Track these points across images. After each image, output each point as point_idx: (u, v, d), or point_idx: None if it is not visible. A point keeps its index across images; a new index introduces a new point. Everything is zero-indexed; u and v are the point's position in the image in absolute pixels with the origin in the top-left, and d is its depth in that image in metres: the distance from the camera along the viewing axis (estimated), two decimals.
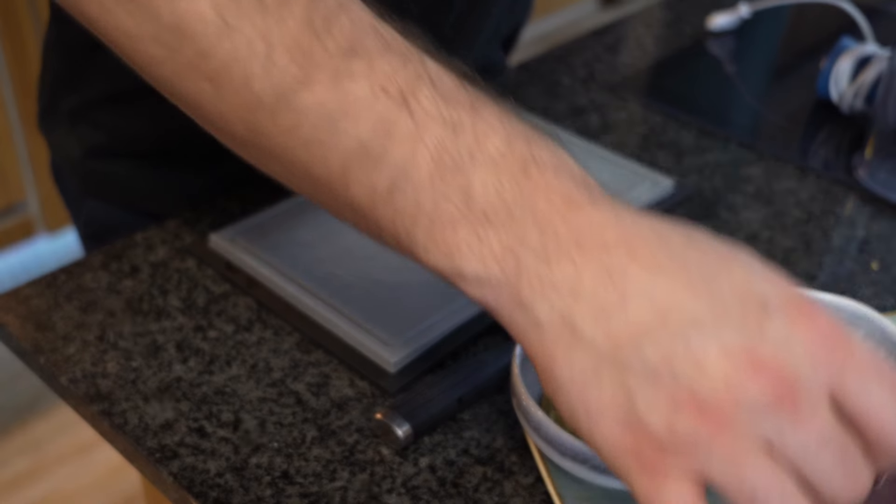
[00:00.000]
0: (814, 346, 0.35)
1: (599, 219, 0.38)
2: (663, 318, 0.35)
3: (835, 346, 0.35)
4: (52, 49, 0.84)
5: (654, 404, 0.35)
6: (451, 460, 0.56)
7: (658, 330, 0.35)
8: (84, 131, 0.84)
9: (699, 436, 0.34)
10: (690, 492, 0.35)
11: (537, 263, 0.37)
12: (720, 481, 0.34)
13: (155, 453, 0.55)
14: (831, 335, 0.35)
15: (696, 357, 0.34)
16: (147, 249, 0.71)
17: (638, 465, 0.36)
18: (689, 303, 0.35)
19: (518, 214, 0.37)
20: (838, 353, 0.35)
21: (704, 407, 0.34)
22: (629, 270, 0.36)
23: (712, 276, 0.36)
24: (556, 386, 0.38)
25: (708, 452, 0.34)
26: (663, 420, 0.35)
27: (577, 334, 0.36)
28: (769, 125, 0.97)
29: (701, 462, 0.34)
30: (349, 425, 0.58)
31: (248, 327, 0.64)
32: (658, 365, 0.35)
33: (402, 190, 0.39)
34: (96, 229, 0.89)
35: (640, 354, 0.35)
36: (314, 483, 0.54)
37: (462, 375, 0.59)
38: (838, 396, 0.34)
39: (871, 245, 0.77)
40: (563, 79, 1.00)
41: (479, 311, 0.65)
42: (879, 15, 1.15)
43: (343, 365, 0.62)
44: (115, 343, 0.63)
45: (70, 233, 2.06)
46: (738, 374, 0.34)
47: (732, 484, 0.34)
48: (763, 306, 0.35)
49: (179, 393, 0.59)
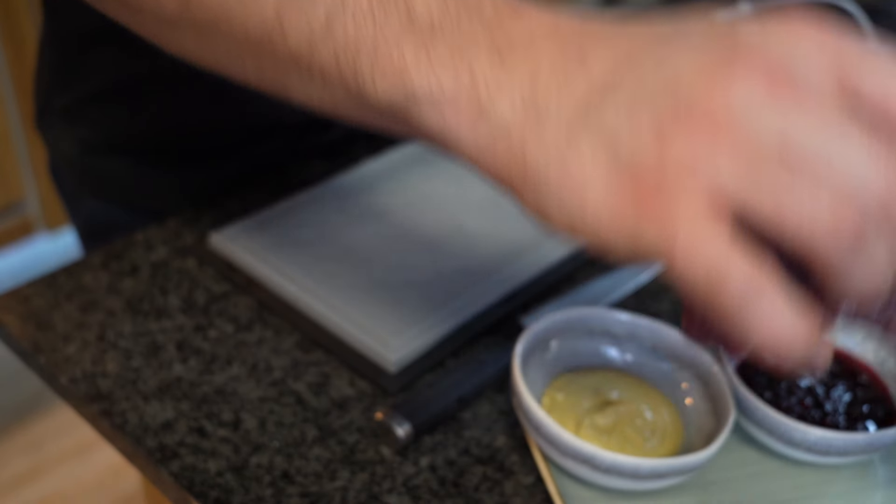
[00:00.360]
0: (800, 39, 0.31)
1: (550, 18, 0.35)
2: (629, 61, 0.33)
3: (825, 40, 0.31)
4: (46, 46, 0.84)
5: (639, 142, 0.31)
6: (451, 460, 0.56)
7: (625, 73, 0.32)
8: (80, 129, 0.84)
9: (697, 152, 0.30)
10: (703, 211, 0.30)
11: (491, 65, 0.35)
12: (736, 190, 0.30)
13: (155, 453, 0.55)
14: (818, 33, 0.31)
15: (670, 81, 0.31)
16: (147, 249, 0.71)
17: (643, 219, 0.31)
18: (653, 44, 0.33)
19: (465, 24, 0.35)
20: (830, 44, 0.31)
21: (692, 122, 0.30)
22: (585, 43, 0.34)
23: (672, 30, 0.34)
24: (536, 181, 0.34)
25: (714, 166, 0.30)
26: (653, 153, 0.31)
27: (544, 113, 0.34)
28: None
29: (710, 177, 0.30)
30: (349, 425, 0.58)
31: (248, 327, 0.64)
32: (631, 103, 0.32)
33: (340, 21, 0.36)
34: (95, 228, 0.89)
35: (612, 101, 0.32)
36: (314, 483, 0.54)
37: (462, 375, 0.59)
38: (847, 84, 0.30)
39: None
40: None
41: (479, 311, 0.65)
42: (880, 15, 1.15)
43: (343, 364, 0.62)
44: (115, 343, 0.63)
45: (70, 232, 2.06)
46: (720, 78, 0.30)
47: (750, 191, 0.30)
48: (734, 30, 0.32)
49: (180, 393, 0.59)
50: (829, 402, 0.55)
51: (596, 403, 0.55)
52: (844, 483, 0.55)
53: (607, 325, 0.59)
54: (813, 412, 0.55)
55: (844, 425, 0.55)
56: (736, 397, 0.55)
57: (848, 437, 0.52)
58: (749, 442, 0.57)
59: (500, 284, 0.67)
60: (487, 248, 0.71)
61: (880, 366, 0.59)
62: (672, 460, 0.50)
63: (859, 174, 0.29)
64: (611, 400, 0.55)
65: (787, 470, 0.55)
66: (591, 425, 0.53)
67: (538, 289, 0.68)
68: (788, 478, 0.55)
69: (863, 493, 0.54)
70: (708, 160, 0.30)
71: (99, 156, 0.84)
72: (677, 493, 0.53)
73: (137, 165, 0.83)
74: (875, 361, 0.60)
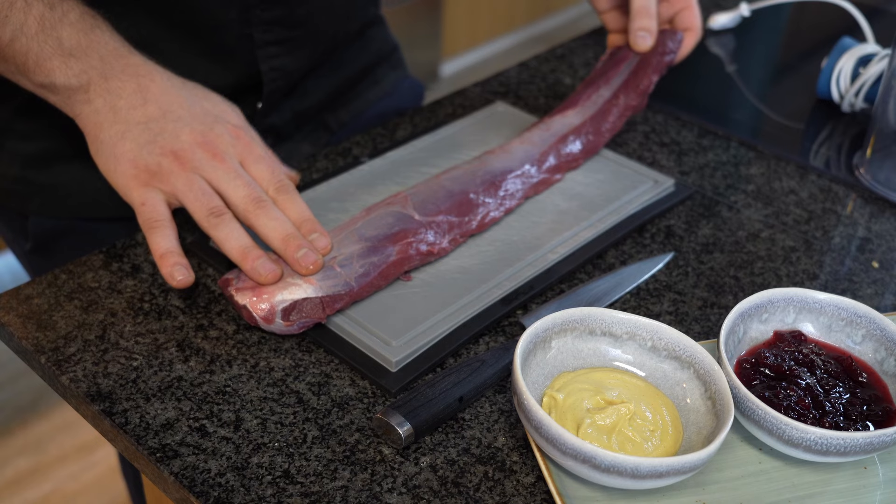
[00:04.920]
0: (232, 139, 0.69)
1: (136, 60, 0.70)
2: (164, 113, 0.68)
3: (242, 142, 0.69)
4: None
5: (151, 152, 0.67)
6: (451, 459, 0.56)
7: (161, 118, 0.68)
8: (15, 144, 0.83)
9: (173, 169, 0.67)
10: (161, 199, 0.67)
11: (99, 79, 0.68)
12: (179, 194, 0.66)
13: (156, 452, 0.55)
14: (242, 138, 0.69)
15: (177, 132, 0.67)
16: (148, 249, 0.71)
17: (137, 184, 0.67)
18: (178, 108, 0.69)
19: (90, 54, 0.68)
20: (242, 144, 0.69)
21: (177, 156, 0.67)
22: (150, 87, 0.69)
23: (196, 99, 0.70)
24: (99, 145, 0.69)
25: (176, 178, 0.66)
26: (155, 160, 0.67)
27: (119, 116, 0.68)
28: (770, 124, 0.97)
29: (171, 184, 0.67)
30: (350, 425, 0.58)
31: (248, 327, 0.65)
32: (157, 135, 0.67)
33: (19, 40, 0.67)
34: (42, 243, 0.88)
35: (149, 128, 0.68)
36: (315, 482, 0.54)
37: (462, 375, 0.59)
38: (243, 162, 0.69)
39: (871, 244, 0.77)
40: (564, 78, 1.00)
41: (479, 311, 0.65)
42: (880, 14, 1.15)
43: (344, 364, 0.62)
44: (116, 342, 0.63)
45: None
46: (196, 144, 0.67)
47: (185, 193, 0.66)
48: (216, 118, 0.69)
49: (180, 392, 0.59)
50: (829, 402, 0.56)
51: (596, 403, 0.55)
52: (843, 482, 0.55)
53: (607, 325, 0.59)
54: (812, 412, 0.55)
55: (844, 425, 0.55)
56: (735, 397, 0.55)
57: (847, 437, 0.52)
58: (749, 442, 0.57)
59: (500, 284, 0.67)
60: (488, 248, 0.71)
61: (880, 366, 0.60)
62: (672, 460, 0.50)
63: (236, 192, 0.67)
64: (611, 400, 0.55)
65: (787, 469, 0.55)
66: (591, 425, 0.54)
67: (538, 289, 0.68)
68: (787, 477, 0.55)
69: (862, 493, 0.55)
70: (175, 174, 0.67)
71: (42, 168, 0.83)
72: (677, 492, 0.53)
73: (84, 169, 0.81)
74: (875, 361, 0.60)
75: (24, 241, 0.90)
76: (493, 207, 0.72)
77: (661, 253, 0.74)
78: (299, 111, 0.92)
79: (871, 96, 0.92)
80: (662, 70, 0.84)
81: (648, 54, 0.84)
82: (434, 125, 0.87)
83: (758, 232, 0.77)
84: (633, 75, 0.83)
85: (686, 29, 0.86)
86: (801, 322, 0.62)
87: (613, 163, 0.82)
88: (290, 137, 0.93)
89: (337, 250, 0.65)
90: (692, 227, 0.78)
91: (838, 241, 0.77)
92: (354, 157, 0.84)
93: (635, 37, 0.83)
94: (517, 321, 0.66)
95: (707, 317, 0.68)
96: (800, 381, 0.57)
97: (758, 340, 0.61)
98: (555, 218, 0.74)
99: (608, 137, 0.82)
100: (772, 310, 0.61)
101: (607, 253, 0.73)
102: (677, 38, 0.84)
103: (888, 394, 0.58)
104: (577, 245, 0.72)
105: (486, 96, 0.95)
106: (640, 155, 0.87)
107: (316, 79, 0.92)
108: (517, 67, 1.02)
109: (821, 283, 0.72)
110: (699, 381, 0.57)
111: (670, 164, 0.86)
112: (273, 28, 0.83)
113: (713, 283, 0.71)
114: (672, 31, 0.85)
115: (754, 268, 0.73)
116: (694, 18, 0.86)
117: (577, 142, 0.79)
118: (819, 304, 0.61)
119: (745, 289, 0.71)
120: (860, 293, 0.71)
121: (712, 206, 0.80)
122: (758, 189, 0.83)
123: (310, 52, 0.88)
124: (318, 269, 0.63)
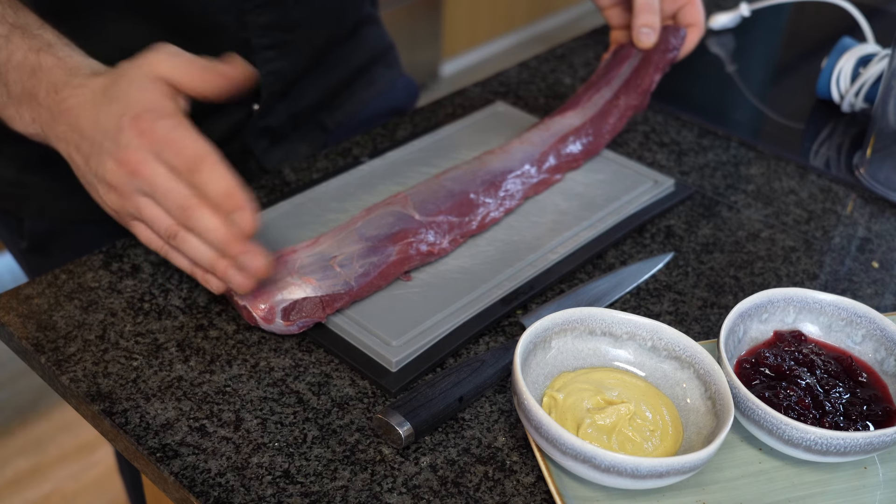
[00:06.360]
0: (139, 140, 0.62)
1: (66, 93, 0.66)
2: (92, 145, 0.65)
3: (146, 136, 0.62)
4: None
5: (106, 194, 0.65)
6: (451, 459, 0.56)
7: (94, 153, 0.65)
8: (11, 148, 0.83)
9: (123, 203, 0.64)
10: (144, 226, 0.65)
11: (49, 125, 0.67)
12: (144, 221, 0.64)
13: (156, 452, 0.55)
14: (146, 131, 0.62)
15: (103, 163, 0.64)
16: (148, 249, 0.71)
17: (123, 223, 0.66)
18: (95, 133, 0.64)
19: (34, 96, 0.67)
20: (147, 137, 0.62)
21: (114, 189, 0.64)
22: (80, 122, 0.65)
23: (106, 107, 0.64)
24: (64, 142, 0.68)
25: (131, 208, 0.64)
26: (112, 201, 0.65)
27: (75, 163, 0.67)
28: (770, 124, 0.97)
29: (137, 214, 0.64)
30: (350, 425, 0.58)
31: (248, 326, 0.65)
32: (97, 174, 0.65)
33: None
34: (39, 243, 0.88)
35: (90, 167, 0.65)
36: (315, 482, 0.54)
37: (462, 375, 0.59)
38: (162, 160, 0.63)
39: (871, 244, 0.77)
40: (564, 78, 1.00)
41: (479, 311, 0.65)
42: (879, 14, 1.15)
43: (344, 364, 0.62)
44: (116, 342, 0.63)
45: None
46: (119, 167, 0.63)
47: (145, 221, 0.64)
48: (119, 126, 0.63)
49: (180, 392, 0.59)
50: (829, 402, 0.56)
51: (596, 403, 0.55)
52: (843, 482, 0.55)
53: (607, 325, 0.59)
54: (812, 412, 0.55)
55: (844, 425, 0.55)
56: (735, 397, 0.55)
57: (847, 437, 0.52)
58: (749, 442, 0.57)
59: (500, 284, 0.67)
60: (488, 248, 0.71)
61: (880, 366, 0.60)
62: (671, 459, 0.50)
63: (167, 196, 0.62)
64: (611, 400, 0.55)
65: (786, 469, 0.55)
66: (592, 425, 0.54)
67: (538, 289, 0.68)
68: (787, 477, 0.55)
69: (862, 493, 0.55)
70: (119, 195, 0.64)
71: (37, 173, 0.83)
72: (677, 492, 0.53)
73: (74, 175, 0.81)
74: (875, 361, 0.60)
75: (20, 240, 0.90)
76: (494, 207, 0.72)
77: (661, 253, 0.74)
78: (295, 112, 0.92)
79: (871, 96, 0.92)
80: (665, 67, 0.84)
81: (651, 51, 0.83)
82: (434, 125, 0.87)
83: (758, 232, 0.77)
84: (634, 74, 0.83)
85: (689, 25, 0.86)
86: (801, 322, 0.62)
87: (613, 163, 0.82)
88: (286, 138, 0.93)
89: (337, 250, 0.65)
90: (692, 227, 0.78)
91: (838, 241, 0.77)
92: (354, 157, 0.84)
93: (638, 33, 0.83)
94: (517, 321, 0.66)
95: (707, 317, 0.68)
96: (800, 381, 0.57)
97: (758, 340, 0.61)
98: (555, 218, 0.74)
99: (609, 138, 0.82)
100: (772, 310, 0.61)
101: (607, 253, 0.73)
102: (680, 34, 0.84)
103: (888, 394, 0.58)
104: (577, 245, 0.72)
105: (486, 96, 0.95)
106: (640, 155, 0.87)
107: (311, 79, 0.92)
108: (517, 67, 1.02)
109: (821, 283, 0.72)
110: (699, 381, 0.57)
111: (670, 164, 0.86)
112: (269, 32, 0.83)
113: (713, 283, 0.71)
114: (675, 27, 0.85)
115: (754, 268, 0.73)
116: (697, 14, 0.85)
117: (578, 142, 0.79)
118: (819, 304, 0.61)
119: (745, 289, 0.71)
120: (860, 293, 0.71)
121: (712, 206, 0.80)
122: (758, 189, 0.83)
123: (306, 54, 0.88)
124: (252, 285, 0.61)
